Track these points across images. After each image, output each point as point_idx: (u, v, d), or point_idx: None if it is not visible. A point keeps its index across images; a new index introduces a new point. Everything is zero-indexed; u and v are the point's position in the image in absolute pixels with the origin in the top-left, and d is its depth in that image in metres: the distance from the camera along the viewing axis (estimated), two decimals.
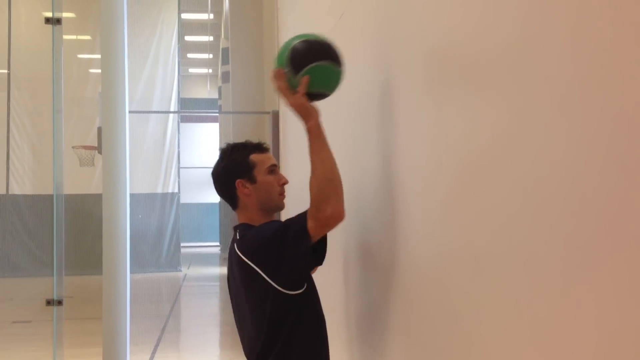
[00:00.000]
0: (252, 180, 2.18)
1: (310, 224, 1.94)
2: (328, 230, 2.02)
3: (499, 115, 1.24)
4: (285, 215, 2.53)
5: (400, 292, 1.92)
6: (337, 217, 1.95)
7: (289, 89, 1.99)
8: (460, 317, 1.46)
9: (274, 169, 2.22)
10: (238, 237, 2.16)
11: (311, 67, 1.95)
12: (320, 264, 2.19)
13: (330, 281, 2.77)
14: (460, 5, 1.45)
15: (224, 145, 2.30)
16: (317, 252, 2.10)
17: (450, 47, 1.51)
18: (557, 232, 1.04)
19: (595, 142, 0.92)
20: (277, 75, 2.00)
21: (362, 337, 2.40)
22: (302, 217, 1.98)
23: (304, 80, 1.96)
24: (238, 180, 2.18)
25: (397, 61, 1.94)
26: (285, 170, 4.97)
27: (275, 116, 6.26)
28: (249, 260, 2.05)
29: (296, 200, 2.70)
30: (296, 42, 2.00)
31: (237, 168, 2.20)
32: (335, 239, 2.50)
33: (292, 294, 2.02)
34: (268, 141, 5.99)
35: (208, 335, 8.62)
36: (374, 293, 2.20)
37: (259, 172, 2.19)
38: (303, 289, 2.04)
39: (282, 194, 2.23)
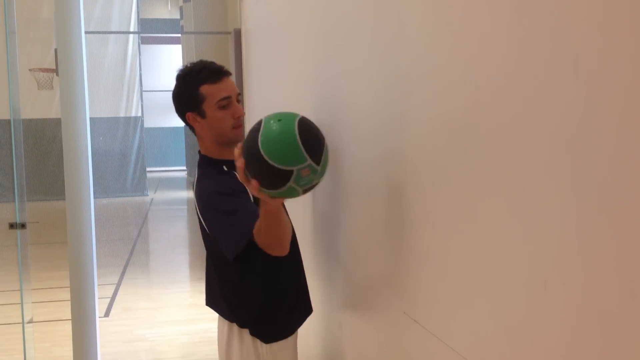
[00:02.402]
0: (202, 114, 2.07)
1: (255, 240, 1.85)
2: None
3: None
4: None
5: (364, 198, 1.93)
6: (280, 255, 1.88)
7: (259, 191, 1.67)
8: (419, 223, 1.48)
9: (226, 102, 2.06)
10: (196, 177, 2.12)
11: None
12: None
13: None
14: None
15: (180, 68, 2.16)
16: None
17: None
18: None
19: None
20: (242, 168, 1.69)
21: (328, 241, 2.42)
22: (249, 225, 1.84)
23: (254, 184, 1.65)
24: (188, 114, 2.09)
25: None
26: (248, 92, 4.91)
27: (238, 35, 6.11)
28: (202, 216, 2.04)
29: None
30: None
31: (187, 100, 2.09)
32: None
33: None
34: (231, 61, 5.89)
35: (177, 256, 8.70)
36: (340, 198, 2.20)
37: (208, 106, 2.06)
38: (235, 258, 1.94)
39: (237, 127, 2.09)
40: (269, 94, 3.63)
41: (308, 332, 2.66)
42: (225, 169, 2.10)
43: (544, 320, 1.00)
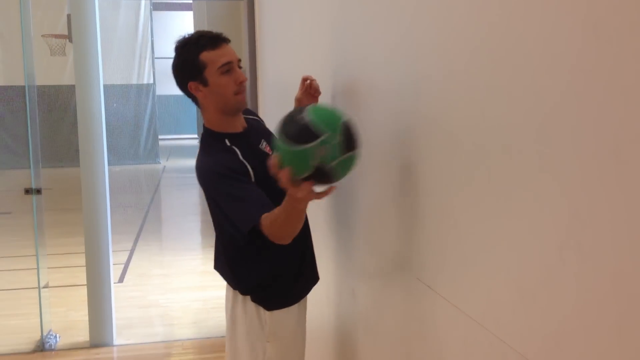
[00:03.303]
0: (204, 82, 2.04)
1: (261, 228, 1.87)
2: None
3: None
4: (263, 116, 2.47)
5: (378, 167, 1.94)
6: (283, 244, 1.92)
7: (292, 180, 1.68)
8: (433, 188, 1.48)
9: (228, 67, 2.03)
10: (199, 152, 2.11)
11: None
12: None
13: None
14: None
15: (177, 39, 2.10)
16: None
17: None
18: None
19: None
20: (275, 165, 1.69)
21: (341, 208, 2.43)
22: (258, 212, 1.87)
23: (329, 190, 1.73)
24: (190, 83, 2.05)
25: None
26: (262, 60, 4.88)
27: (250, 2, 6.07)
28: (205, 191, 2.06)
29: (278, 98, 2.64)
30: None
31: (188, 70, 2.05)
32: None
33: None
34: (244, 29, 5.85)
35: (189, 224, 8.77)
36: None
37: (210, 73, 2.02)
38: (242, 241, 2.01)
39: (239, 93, 2.06)
40: (283, 63, 3.60)
41: (321, 300, 2.68)
42: (227, 143, 2.08)
43: (558, 284, 1.00)
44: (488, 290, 1.24)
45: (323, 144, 1.62)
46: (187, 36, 2.10)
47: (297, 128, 1.64)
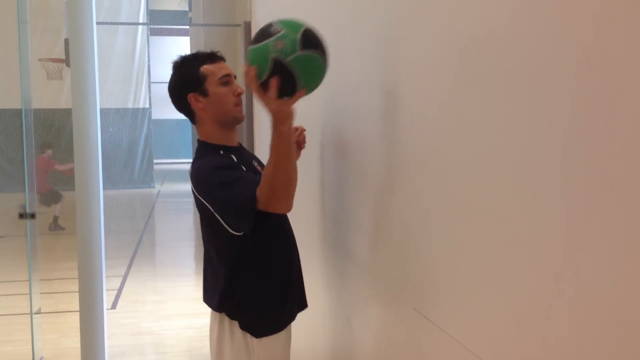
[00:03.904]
0: (204, 93, 2.08)
1: (258, 204, 1.89)
2: None
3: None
4: (258, 132, 2.50)
5: (374, 196, 1.94)
6: (285, 211, 1.94)
7: (260, 88, 1.79)
8: (431, 220, 1.49)
9: (227, 80, 2.10)
10: (193, 160, 2.14)
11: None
12: None
13: (306, 187, 2.78)
14: None
15: (175, 58, 2.17)
16: None
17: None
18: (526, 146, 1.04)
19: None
20: (250, 74, 1.79)
21: (337, 235, 2.43)
22: (252, 186, 1.90)
23: (299, 94, 1.80)
24: (190, 94, 2.09)
25: None
26: None
27: (247, 27, 6.10)
28: (199, 195, 2.05)
29: None
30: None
31: (188, 81, 2.09)
32: (313, 143, 2.49)
33: (239, 235, 2.03)
34: (240, 54, 5.88)
35: (182, 249, 8.71)
36: (349, 197, 2.21)
37: (210, 83, 2.08)
38: (248, 231, 1.99)
39: (238, 105, 2.12)
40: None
41: (316, 326, 2.66)
42: (222, 152, 2.11)
43: (556, 315, 0.99)
44: (485, 321, 1.23)
45: (280, 38, 1.74)
46: (183, 55, 2.17)
47: (261, 31, 1.80)
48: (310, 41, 1.77)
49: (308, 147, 2.46)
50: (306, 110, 2.70)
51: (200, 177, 2.05)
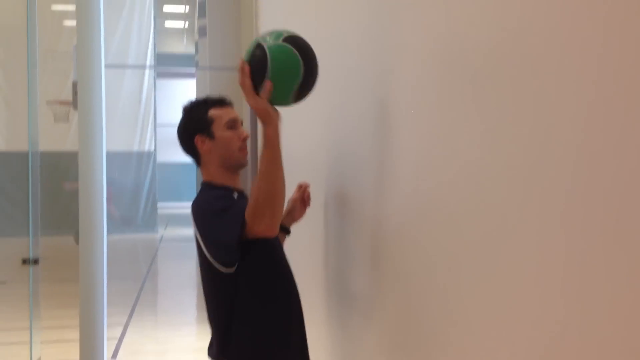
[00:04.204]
0: (210, 135, 2.14)
1: (246, 228, 1.93)
2: (260, 238, 2.00)
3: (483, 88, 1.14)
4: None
5: (377, 245, 1.92)
6: (268, 234, 1.96)
7: (252, 88, 1.93)
8: (437, 270, 1.47)
9: (233, 124, 2.17)
10: (195, 198, 2.19)
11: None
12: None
13: (310, 236, 2.74)
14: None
15: (186, 102, 2.26)
16: None
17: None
18: (531, 192, 1.07)
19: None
20: (242, 71, 1.94)
21: (341, 293, 2.39)
22: (240, 215, 1.95)
23: (266, 85, 1.90)
24: (197, 136, 2.15)
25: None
26: (260, 129, 4.84)
27: None
28: (194, 222, 2.11)
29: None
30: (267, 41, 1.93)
31: (195, 124, 2.17)
32: (316, 195, 2.48)
33: (223, 270, 2.04)
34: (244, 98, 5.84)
35: (185, 297, 8.58)
36: (352, 246, 2.20)
37: (217, 127, 2.14)
38: (232, 269, 2.03)
39: (242, 150, 2.17)
40: (288, 133, 3.54)
41: None
42: (224, 191, 2.15)
43: None
44: None
45: (269, 31, 1.96)
46: (194, 99, 2.26)
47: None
48: (294, 39, 1.93)
49: (313, 200, 2.47)
50: (310, 166, 2.67)
51: (197, 208, 2.11)
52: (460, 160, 1.34)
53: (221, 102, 2.20)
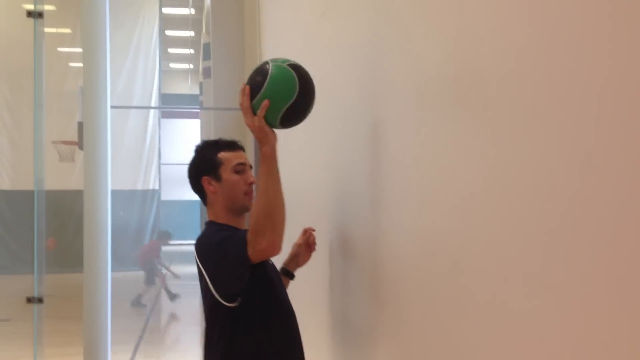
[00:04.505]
0: (217, 178, 2.18)
1: (249, 250, 1.97)
2: (266, 258, 2.06)
3: (485, 122, 1.20)
4: None
5: (380, 287, 1.91)
6: (271, 251, 1.98)
7: (250, 108, 1.98)
8: (440, 312, 1.46)
9: (241, 168, 2.20)
10: (201, 233, 2.22)
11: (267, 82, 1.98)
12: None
13: (315, 276, 2.73)
14: (458, 14, 1.41)
15: (198, 142, 2.32)
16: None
17: (442, 76, 1.48)
18: (534, 230, 1.05)
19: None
20: (243, 92, 2.00)
21: (345, 333, 2.38)
22: (243, 240, 1.99)
23: (264, 104, 1.95)
24: (204, 177, 2.19)
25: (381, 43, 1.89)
26: None
27: None
28: (197, 258, 2.13)
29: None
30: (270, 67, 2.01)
31: (204, 165, 2.20)
32: (321, 236, 2.48)
33: (227, 305, 2.05)
34: (249, 138, 5.93)
35: (189, 334, 8.54)
36: (357, 289, 2.19)
37: (224, 170, 2.18)
38: (236, 304, 2.04)
39: (248, 194, 2.19)
40: (286, 171, 3.60)
41: None
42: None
43: None
44: None
45: (276, 58, 2.06)
46: (207, 139, 2.30)
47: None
48: (297, 67, 2.01)
49: (318, 248, 2.47)
50: (314, 204, 2.70)
51: (201, 243, 2.14)
52: (461, 199, 1.34)
53: (232, 146, 2.24)
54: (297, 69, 2.01)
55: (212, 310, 2.11)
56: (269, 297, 2.12)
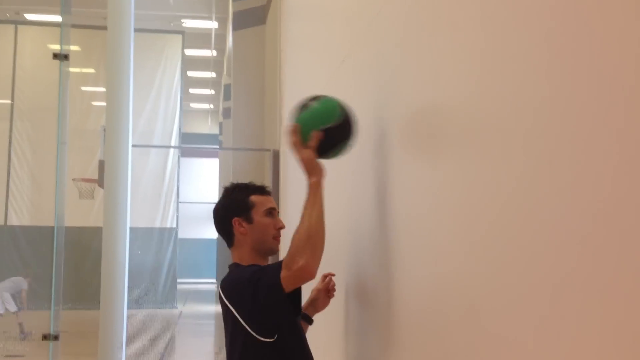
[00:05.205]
0: (249, 220, 2.20)
1: (283, 273, 1.96)
2: (300, 283, 2.03)
3: (493, 169, 1.25)
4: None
5: (397, 334, 1.90)
6: (307, 271, 1.96)
7: (301, 143, 2.02)
8: (456, 355, 1.44)
9: (272, 212, 2.24)
10: (224, 278, 2.22)
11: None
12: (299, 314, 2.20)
13: (331, 322, 2.72)
14: (458, 64, 1.45)
15: (228, 184, 2.35)
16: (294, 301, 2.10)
17: (447, 103, 1.51)
18: (549, 275, 1.05)
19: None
20: (293, 131, 2.04)
21: None
22: (276, 267, 2.00)
23: (314, 135, 2.00)
24: (235, 219, 2.20)
25: (393, 113, 1.94)
26: (284, 210, 4.93)
27: (276, 155, 6.25)
28: (226, 299, 2.12)
29: None
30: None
31: (236, 206, 2.23)
32: (338, 282, 2.48)
33: (262, 340, 2.03)
34: (268, 179, 5.99)
35: None
36: (372, 335, 2.17)
37: (256, 212, 2.21)
38: (273, 338, 2.03)
39: (276, 238, 2.23)
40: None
41: None
42: None
43: None
44: None
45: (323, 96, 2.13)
46: (236, 182, 2.35)
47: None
48: (346, 106, 2.07)
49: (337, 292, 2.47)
50: (332, 248, 2.72)
51: (229, 284, 2.14)
52: (479, 246, 1.34)
53: (262, 190, 2.29)
54: (343, 106, 2.07)
55: (242, 352, 2.09)
56: (301, 343, 2.15)
